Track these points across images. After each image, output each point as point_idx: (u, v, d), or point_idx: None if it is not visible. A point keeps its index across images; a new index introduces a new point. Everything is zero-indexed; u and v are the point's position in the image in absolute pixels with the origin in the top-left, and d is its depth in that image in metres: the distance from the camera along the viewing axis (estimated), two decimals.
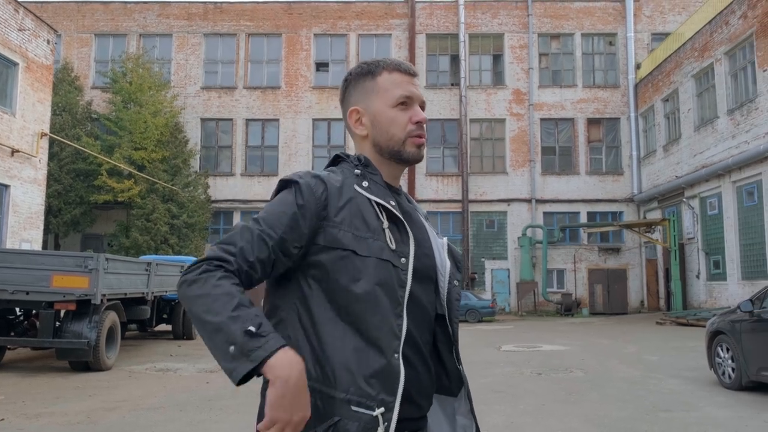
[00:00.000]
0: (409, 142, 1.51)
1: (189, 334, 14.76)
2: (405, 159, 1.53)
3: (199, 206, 24.91)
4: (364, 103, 1.54)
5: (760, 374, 7.34)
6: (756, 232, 18.35)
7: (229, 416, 6.66)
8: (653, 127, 25.57)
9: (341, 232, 1.39)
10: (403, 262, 1.41)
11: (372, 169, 1.51)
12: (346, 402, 1.30)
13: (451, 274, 1.54)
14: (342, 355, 1.33)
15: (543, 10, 28.01)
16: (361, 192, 1.45)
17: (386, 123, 1.51)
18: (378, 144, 1.53)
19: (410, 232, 1.45)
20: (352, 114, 1.56)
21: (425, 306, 1.46)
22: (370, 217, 1.42)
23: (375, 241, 1.39)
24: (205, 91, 27.68)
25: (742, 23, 18.99)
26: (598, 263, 26.47)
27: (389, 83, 1.52)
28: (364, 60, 1.59)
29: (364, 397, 1.30)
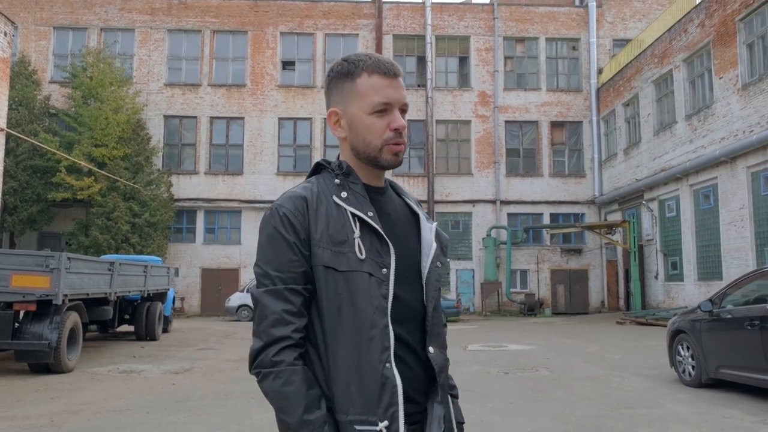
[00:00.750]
0: (386, 149, 1.49)
1: (152, 335, 14.51)
2: (381, 166, 1.51)
3: (162, 205, 24.46)
4: (343, 105, 1.52)
5: (718, 372, 7.59)
6: (711, 235, 18.93)
7: (198, 417, 6.58)
8: (614, 130, 26.15)
9: (320, 249, 1.41)
10: (384, 273, 1.42)
11: (353, 178, 1.51)
12: (348, 423, 1.34)
13: (435, 256, 1.53)
14: (339, 376, 1.37)
15: (508, 14, 28.38)
16: (340, 203, 1.45)
17: (363, 130, 1.49)
18: (355, 148, 1.52)
19: (389, 243, 1.44)
20: (331, 115, 1.54)
21: (413, 305, 1.48)
22: (348, 229, 1.42)
23: (353, 254, 1.40)
24: (169, 87, 27.20)
25: (700, 32, 19.58)
26: (560, 264, 26.94)
27: (368, 87, 1.48)
28: (346, 56, 1.54)
29: (364, 415, 1.34)
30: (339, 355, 1.37)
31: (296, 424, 1.30)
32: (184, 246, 26.20)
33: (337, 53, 27.88)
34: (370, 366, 1.36)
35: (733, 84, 17.74)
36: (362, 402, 1.34)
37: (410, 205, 1.62)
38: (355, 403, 1.34)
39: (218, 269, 26.16)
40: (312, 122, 27.33)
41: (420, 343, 1.47)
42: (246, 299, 23.40)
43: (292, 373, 1.34)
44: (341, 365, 1.37)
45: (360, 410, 1.34)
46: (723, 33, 18.29)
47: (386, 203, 1.55)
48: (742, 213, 17.28)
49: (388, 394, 1.35)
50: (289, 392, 1.32)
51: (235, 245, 26.48)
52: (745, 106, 17.23)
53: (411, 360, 1.44)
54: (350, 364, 1.36)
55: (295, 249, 1.40)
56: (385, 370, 1.36)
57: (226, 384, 8.66)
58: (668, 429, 5.94)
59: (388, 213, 1.52)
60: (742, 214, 17.28)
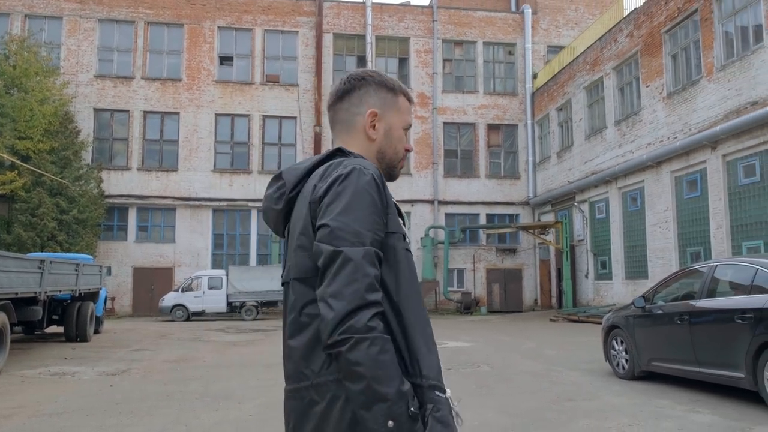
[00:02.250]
0: (400, 164, 1.67)
1: (83, 336, 13.93)
2: (394, 175, 1.66)
3: (92, 201, 23.52)
4: (383, 111, 1.62)
5: (650, 364, 7.99)
6: (638, 236, 19.87)
7: (141, 419, 6.38)
8: (548, 134, 27.02)
9: (395, 217, 1.47)
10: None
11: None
12: (429, 389, 1.36)
13: None
14: (417, 344, 1.39)
15: (447, 17, 28.84)
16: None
17: (396, 140, 1.63)
18: (383, 153, 1.62)
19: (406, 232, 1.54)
20: (371, 115, 1.60)
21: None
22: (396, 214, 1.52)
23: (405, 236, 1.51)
24: (99, 79, 26.17)
25: (629, 41, 20.51)
26: (495, 263, 27.60)
27: (405, 108, 1.66)
28: (379, 72, 1.66)
29: (438, 381, 1.39)
30: (415, 326, 1.40)
31: (395, 395, 1.25)
32: (115, 244, 25.28)
33: (277, 50, 27.61)
34: (430, 337, 1.44)
35: (659, 92, 18.68)
36: (434, 371, 1.39)
37: None
38: (432, 368, 1.38)
39: (151, 268, 25.37)
40: (250, 119, 26.92)
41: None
42: (181, 299, 22.83)
43: (385, 341, 1.29)
44: (418, 333, 1.40)
45: (436, 377, 1.39)
46: (650, 44, 19.23)
47: None
48: (666, 215, 18.22)
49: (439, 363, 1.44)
50: (386, 361, 1.27)
51: (169, 243, 25.75)
52: (669, 114, 18.17)
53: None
54: (424, 334, 1.41)
55: (381, 213, 1.41)
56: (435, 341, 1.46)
57: (167, 385, 8.43)
58: (607, 419, 6.21)
59: None
60: (666, 216, 18.21)
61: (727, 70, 15.76)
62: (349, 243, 1.33)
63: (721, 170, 15.97)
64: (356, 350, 1.26)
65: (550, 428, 5.91)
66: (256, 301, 23.24)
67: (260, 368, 9.89)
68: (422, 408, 1.33)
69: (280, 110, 27.14)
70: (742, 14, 15.63)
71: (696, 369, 7.09)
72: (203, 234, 26.04)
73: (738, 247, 15.37)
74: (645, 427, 5.83)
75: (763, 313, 6.13)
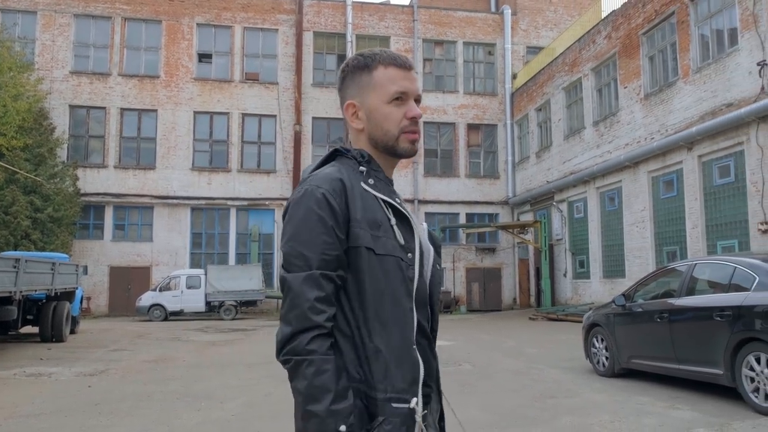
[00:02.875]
0: (402, 137, 1.55)
1: (59, 336, 13.70)
2: (399, 154, 1.57)
3: (67, 199, 23.12)
4: (360, 97, 1.57)
5: (630, 362, 8.09)
6: (615, 235, 20.11)
7: (122, 420, 6.29)
8: (527, 134, 27.22)
9: (361, 231, 1.43)
10: (410, 257, 1.48)
11: (375, 166, 1.56)
12: (387, 401, 1.38)
13: (434, 258, 1.61)
14: (377, 354, 1.40)
15: (428, 17, 28.90)
16: (368, 190, 1.49)
17: (381, 119, 1.54)
18: (373, 138, 1.56)
19: (415, 228, 1.51)
20: (348, 108, 1.58)
21: (425, 294, 1.55)
22: (380, 216, 1.47)
23: (388, 240, 1.45)
24: (75, 76, 25.74)
25: (607, 43, 20.74)
26: (475, 262, 27.74)
27: (385, 79, 1.54)
28: (361, 52, 1.60)
29: (400, 392, 1.39)
30: (376, 336, 1.41)
31: (324, 412, 1.31)
32: (91, 243, 24.90)
33: (257, 48, 27.42)
34: (403, 347, 1.42)
35: (636, 93, 18.92)
36: (398, 381, 1.39)
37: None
38: (393, 382, 1.39)
39: (128, 267, 25.04)
40: (229, 117, 26.69)
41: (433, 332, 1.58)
42: (158, 298, 22.58)
43: (323, 362, 1.35)
44: (380, 345, 1.40)
45: (397, 389, 1.39)
46: (628, 45, 19.47)
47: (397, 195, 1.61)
48: (643, 215, 18.47)
49: (415, 374, 1.42)
50: (320, 381, 1.33)
51: (146, 242, 25.44)
52: (646, 115, 18.42)
53: (425, 345, 1.50)
54: (387, 345, 1.40)
55: (331, 232, 1.41)
56: (413, 351, 1.43)
57: (147, 385, 8.32)
58: (589, 416, 6.27)
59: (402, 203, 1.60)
60: (643, 216, 18.46)
61: (703, 72, 16.02)
62: (297, 268, 1.40)
63: (696, 171, 16.23)
64: (295, 371, 1.35)
65: (533, 426, 5.95)
66: (235, 300, 23.07)
67: (241, 368, 9.81)
68: (374, 421, 1.37)
69: (259, 108, 26.95)
70: (717, 17, 15.90)
71: (675, 366, 7.19)
72: (181, 233, 25.76)
73: (713, 247, 15.63)
74: (627, 424, 5.89)
75: (741, 311, 6.24)
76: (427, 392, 1.49)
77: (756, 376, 6.06)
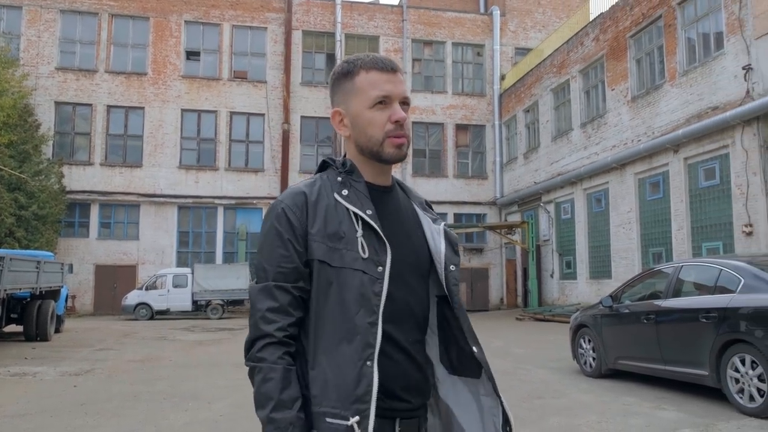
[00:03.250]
0: (387, 142, 1.51)
1: (44, 336, 13.57)
2: (385, 159, 1.53)
3: (52, 197, 22.88)
4: (345, 104, 1.56)
5: (617, 363, 8.16)
6: (602, 236, 20.25)
7: (108, 420, 6.24)
8: (515, 135, 27.33)
9: (316, 243, 1.44)
10: (380, 271, 1.44)
11: (355, 176, 1.53)
12: (321, 414, 1.37)
13: (447, 259, 1.57)
14: (318, 368, 1.41)
15: (417, 17, 28.93)
16: (340, 200, 1.48)
17: (364, 124, 1.52)
18: (359, 144, 1.55)
19: (387, 242, 1.46)
20: (335, 116, 1.58)
21: (412, 306, 1.51)
22: (347, 227, 1.45)
23: (348, 252, 1.43)
24: (61, 72, 25.48)
25: (595, 45, 20.88)
26: (462, 262, 27.65)
27: (366, 83, 1.52)
28: (346, 58, 1.59)
29: (337, 409, 1.36)
30: (322, 350, 1.41)
31: (264, 419, 1.35)
32: (77, 241, 24.67)
33: (245, 46, 27.31)
34: (350, 362, 1.38)
35: (624, 96, 19.07)
36: (337, 396, 1.37)
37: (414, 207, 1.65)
38: (329, 396, 1.38)
39: (114, 266, 24.83)
40: (217, 115, 26.56)
41: (415, 345, 1.51)
42: (144, 297, 22.43)
43: (270, 371, 1.37)
44: (323, 359, 1.40)
45: (333, 404, 1.37)
46: (615, 48, 19.61)
47: (391, 202, 1.58)
48: (629, 216, 18.61)
49: (363, 391, 1.37)
50: (264, 389, 1.36)
51: (132, 241, 25.24)
52: (633, 117, 18.56)
53: (402, 359, 1.46)
54: (331, 359, 1.40)
55: (288, 245, 1.44)
56: (364, 368, 1.38)
57: (134, 385, 8.27)
58: (576, 416, 6.31)
59: (392, 211, 1.56)
60: (629, 218, 18.60)
61: (690, 75, 16.17)
62: (259, 279, 1.46)
63: (682, 173, 16.38)
64: (250, 377, 1.41)
65: (521, 426, 5.98)
66: (222, 299, 22.96)
67: (228, 368, 9.77)
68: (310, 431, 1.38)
69: (247, 107, 26.84)
70: (704, 21, 16.05)
71: (662, 367, 7.26)
72: (168, 231, 25.59)
73: (698, 248, 15.79)
74: (614, 424, 5.94)
75: (727, 313, 6.31)
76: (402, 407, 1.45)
77: (741, 378, 6.13)
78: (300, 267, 1.43)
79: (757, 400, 5.96)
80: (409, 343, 1.48)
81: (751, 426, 5.71)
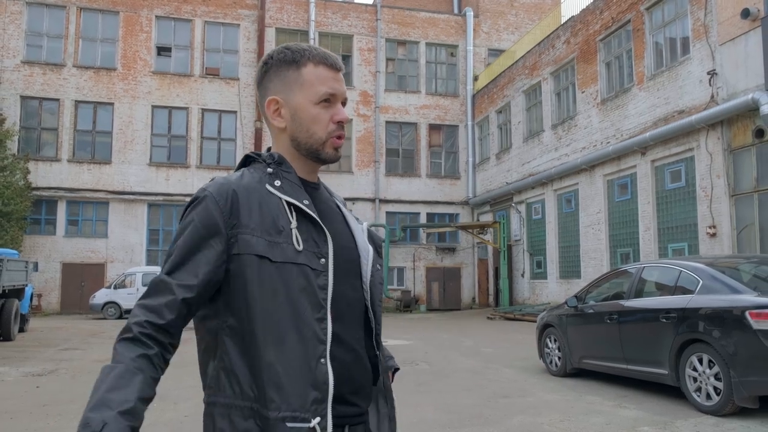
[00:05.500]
0: (329, 142, 1.46)
1: (7, 335, 13.29)
2: (322, 159, 1.48)
3: (17, 193, 22.39)
4: (285, 93, 1.46)
5: (581, 362, 8.29)
6: (572, 236, 20.53)
7: (70, 422, 6.14)
8: (488, 135, 27.54)
9: (254, 238, 1.34)
10: (323, 263, 1.38)
11: (285, 167, 1.46)
12: (280, 420, 1.28)
13: (373, 259, 1.51)
14: (269, 372, 1.30)
15: (391, 17, 28.96)
16: (274, 192, 1.40)
17: (308, 120, 1.45)
18: (296, 139, 1.47)
19: (327, 232, 1.40)
20: (270, 104, 1.48)
21: (353, 302, 1.44)
22: (283, 220, 1.37)
23: (289, 245, 1.35)
24: (27, 65, 24.93)
25: (566, 48, 21.15)
26: (435, 262, 27.94)
27: (314, 77, 1.45)
28: (288, 45, 1.50)
29: (297, 412, 1.28)
30: (271, 351, 1.30)
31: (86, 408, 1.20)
32: (43, 238, 24.19)
33: (218, 43, 27.05)
34: (303, 361, 1.31)
35: (593, 98, 19.35)
36: (295, 398, 1.29)
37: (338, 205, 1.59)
38: (288, 399, 1.29)
39: (81, 264, 24.41)
40: (189, 112, 26.26)
41: (359, 342, 1.43)
42: (113, 296, 22.09)
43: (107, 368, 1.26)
44: (274, 361, 1.30)
45: (293, 407, 1.28)
46: (585, 51, 19.89)
47: (320, 198, 1.51)
48: (598, 217, 18.90)
49: (320, 390, 1.31)
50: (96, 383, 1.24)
51: (101, 239, 24.84)
52: (603, 120, 18.85)
53: (348, 359, 1.39)
54: (283, 360, 1.30)
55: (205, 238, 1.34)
56: (318, 366, 1.32)
57: None
58: (540, 415, 6.41)
59: (323, 208, 1.48)
60: (598, 218, 18.90)
61: (657, 79, 16.47)
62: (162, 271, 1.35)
63: (649, 175, 16.69)
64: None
65: (486, 425, 6.05)
66: None
67: (195, 367, 9.59)
68: None
69: (219, 104, 26.61)
70: (671, 26, 16.37)
71: (624, 366, 7.40)
72: (138, 229, 25.25)
73: (664, 249, 16.11)
74: (575, 423, 6.04)
75: (686, 313, 6.46)
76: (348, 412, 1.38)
77: (698, 376, 6.29)
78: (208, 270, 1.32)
79: (713, 399, 6.12)
80: (355, 341, 1.42)
81: (708, 423, 5.86)
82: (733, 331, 5.95)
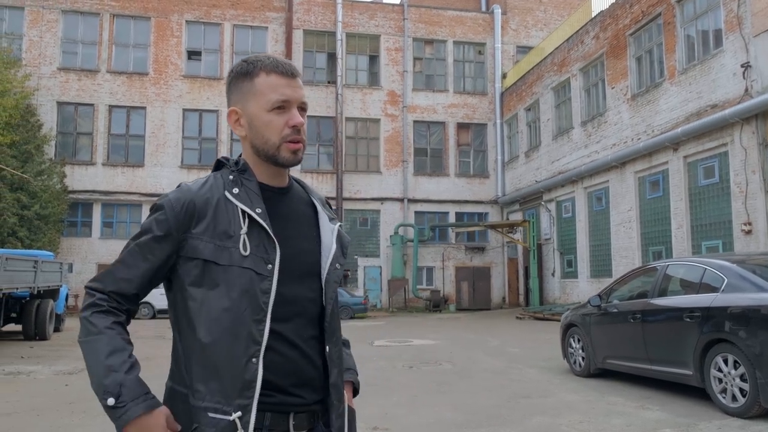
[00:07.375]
0: (284, 147, 1.52)
1: (42, 335, 13.65)
2: (280, 163, 1.55)
3: (54, 196, 23.04)
4: (242, 104, 1.56)
5: (605, 362, 8.13)
6: (603, 235, 20.18)
7: (94, 419, 6.28)
8: (516, 134, 27.27)
9: (202, 243, 1.46)
10: (269, 269, 1.46)
11: (248, 175, 1.55)
12: (203, 410, 1.40)
13: (334, 258, 1.59)
14: (199, 365, 1.43)
15: (418, 16, 28.90)
16: (231, 198, 1.49)
17: (261, 127, 1.53)
18: (255, 146, 1.55)
19: (275, 240, 1.48)
20: (231, 115, 1.58)
21: (303, 303, 1.53)
22: (235, 225, 1.47)
23: (236, 250, 1.45)
24: (63, 72, 25.62)
25: (595, 44, 20.80)
26: (464, 261, 27.78)
27: (266, 86, 1.53)
28: (246, 57, 1.60)
29: (219, 404, 1.39)
30: (205, 346, 1.42)
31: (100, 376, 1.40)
32: (79, 240, 24.82)
33: (246, 46, 27.37)
34: (233, 359, 1.41)
35: (624, 94, 18.98)
36: (220, 392, 1.40)
37: (315, 205, 1.65)
38: (212, 392, 1.40)
39: None
40: (219, 115, 26.63)
41: (309, 341, 1.52)
42: (147, 296, 22.46)
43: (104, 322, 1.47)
44: (204, 355, 1.42)
45: (217, 399, 1.40)
46: (615, 46, 19.53)
47: (284, 203, 1.58)
48: (630, 215, 18.54)
49: (246, 387, 1.40)
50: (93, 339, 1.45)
51: None
52: (633, 115, 18.48)
53: (294, 356, 1.48)
54: (217, 356, 1.41)
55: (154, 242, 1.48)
56: (249, 365, 1.41)
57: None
58: (560, 416, 6.30)
59: (285, 212, 1.56)
60: (630, 216, 18.53)
61: (689, 73, 16.08)
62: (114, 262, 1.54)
63: (682, 171, 16.30)
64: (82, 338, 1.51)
65: (503, 426, 5.98)
66: None
67: None
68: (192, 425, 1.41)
69: None
70: (703, 19, 15.97)
71: (648, 366, 7.24)
72: None
73: (698, 247, 15.71)
74: (595, 424, 5.93)
75: (710, 312, 6.28)
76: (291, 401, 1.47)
77: (723, 377, 6.11)
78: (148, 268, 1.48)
79: (739, 400, 5.94)
80: (302, 340, 1.50)
81: (733, 426, 5.69)
82: (759, 330, 5.76)
